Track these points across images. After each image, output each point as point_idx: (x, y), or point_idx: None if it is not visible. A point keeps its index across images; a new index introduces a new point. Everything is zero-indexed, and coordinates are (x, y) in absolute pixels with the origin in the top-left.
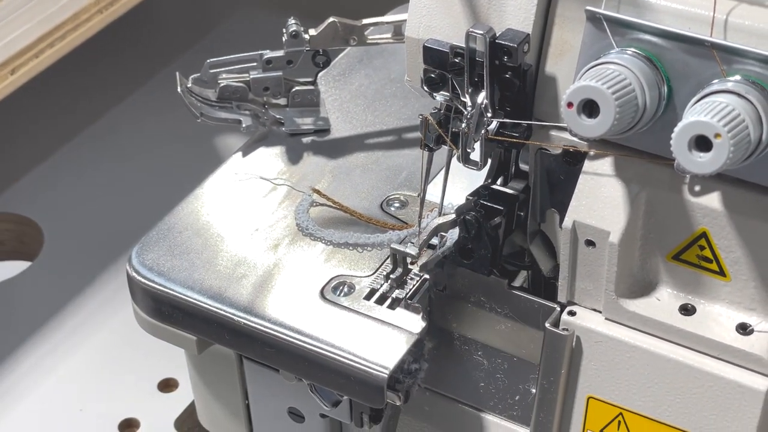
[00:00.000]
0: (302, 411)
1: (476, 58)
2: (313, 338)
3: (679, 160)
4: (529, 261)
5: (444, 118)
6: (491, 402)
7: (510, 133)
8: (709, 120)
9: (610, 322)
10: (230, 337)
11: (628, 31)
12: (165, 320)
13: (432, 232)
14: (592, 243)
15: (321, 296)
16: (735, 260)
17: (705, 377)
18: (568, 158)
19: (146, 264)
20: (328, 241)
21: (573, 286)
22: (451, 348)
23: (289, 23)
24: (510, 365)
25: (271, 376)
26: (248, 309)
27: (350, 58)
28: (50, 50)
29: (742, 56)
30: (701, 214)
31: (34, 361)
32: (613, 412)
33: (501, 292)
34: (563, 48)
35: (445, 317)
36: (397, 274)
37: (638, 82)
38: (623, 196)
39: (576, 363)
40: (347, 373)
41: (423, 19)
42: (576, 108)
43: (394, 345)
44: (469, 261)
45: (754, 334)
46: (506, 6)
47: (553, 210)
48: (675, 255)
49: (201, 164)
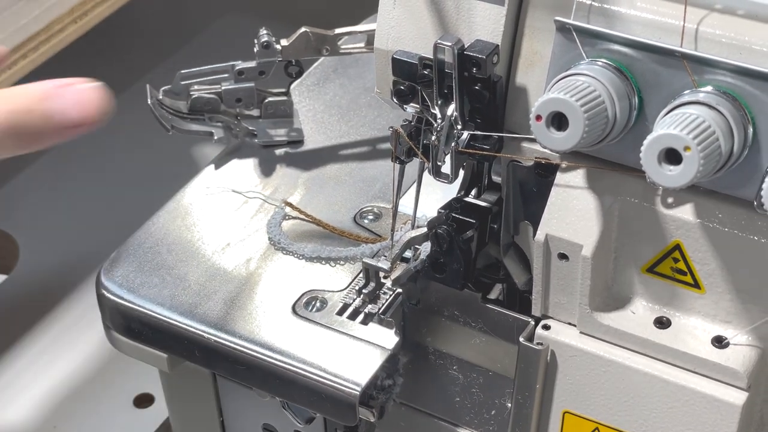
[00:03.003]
0: (276, 428)
1: (445, 69)
2: (284, 355)
3: (649, 173)
4: (504, 274)
5: (415, 130)
6: (467, 417)
7: (481, 145)
8: (678, 133)
9: (585, 336)
10: (201, 355)
11: (598, 41)
12: (135, 338)
13: (404, 246)
14: (565, 256)
15: (293, 312)
16: (709, 272)
17: (681, 391)
18: (540, 170)
19: (115, 280)
20: (301, 255)
21: (547, 299)
22: (426, 363)
23: (261, 33)
24: (485, 380)
25: (245, 392)
26: (219, 326)
27: (324, 68)
28: (24, 61)
29: (714, 66)
30: (674, 226)
31: (9, 376)
32: (589, 426)
33: (475, 306)
34: (533, 59)
35: (419, 332)
36: (370, 288)
37: (608, 93)
38: (596, 208)
39: (551, 377)
40: (319, 390)
41: (391, 30)
42: (545, 121)
43: (366, 361)
44: (442, 275)
45: (729, 347)
46: (475, 17)
47: (526, 222)
48: (649, 267)
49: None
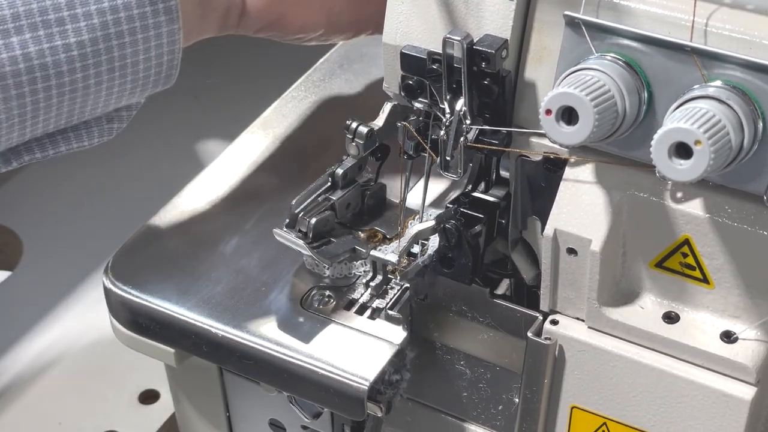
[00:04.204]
0: (283, 423)
1: (454, 64)
2: (292, 350)
3: (659, 167)
4: (512, 269)
5: (423, 126)
6: (474, 412)
7: (490, 140)
8: (688, 127)
9: (593, 331)
10: (208, 349)
11: (607, 36)
12: (142, 332)
13: (412, 239)
14: (574, 251)
15: (301, 307)
16: (718, 267)
17: (689, 386)
18: (548, 165)
19: (122, 275)
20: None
21: (555, 294)
22: (434, 358)
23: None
24: (493, 375)
25: (251, 388)
26: (227, 320)
27: (330, 64)
28: None
29: (723, 61)
30: (684, 221)
31: (13, 373)
32: (597, 421)
33: (482, 302)
34: (542, 53)
35: (426, 327)
36: (377, 281)
37: (617, 88)
38: (605, 203)
39: (559, 372)
40: (327, 385)
41: (400, 25)
42: (554, 115)
43: (374, 356)
44: (450, 270)
45: (738, 342)
46: (484, 11)
47: (534, 217)
48: (658, 262)
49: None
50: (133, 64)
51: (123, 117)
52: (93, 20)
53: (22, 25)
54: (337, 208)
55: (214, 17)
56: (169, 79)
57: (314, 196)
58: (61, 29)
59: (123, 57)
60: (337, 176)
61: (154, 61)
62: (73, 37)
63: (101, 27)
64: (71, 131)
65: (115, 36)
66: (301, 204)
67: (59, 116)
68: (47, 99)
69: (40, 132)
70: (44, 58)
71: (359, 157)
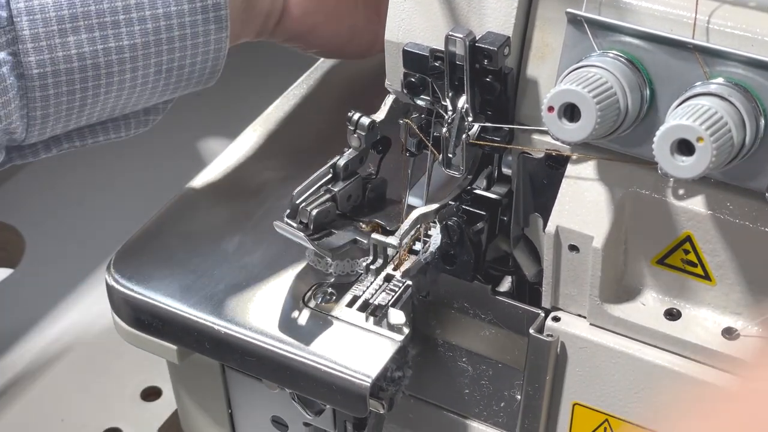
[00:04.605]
0: (285, 420)
1: (456, 61)
2: (294, 346)
3: (662, 164)
4: (514, 266)
5: (425, 123)
6: (476, 409)
7: (492, 137)
8: (690, 123)
9: (595, 328)
10: (211, 346)
11: (609, 33)
12: (144, 329)
13: (414, 222)
14: (576, 248)
15: (303, 304)
16: (720, 264)
17: (691, 383)
18: (550, 162)
19: (125, 272)
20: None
21: (557, 291)
22: (435, 355)
23: (354, 116)
24: (495, 372)
25: (254, 384)
26: (229, 317)
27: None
28: None
29: (725, 58)
30: (685, 218)
31: (16, 370)
32: (599, 418)
33: (484, 298)
34: (544, 51)
35: (428, 324)
36: (377, 265)
37: (620, 85)
38: (607, 200)
39: (561, 369)
40: (329, 381)
41: (402, 22)
42: (557, 112)
43: (376, 353)
44: (452, 267)
45: (740, 338)
46: (486, 8)
47: (536, 214)
48: (659, 259)
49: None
50: (180, 68)
51: (159, 109)
52: (147, 25)
53: (79, 26)
54: (338, 199)
55: (255, 23)
56: (211, 80)
57: (315, 187)
58: (116, 32)
59: (171, 60)
60: (339, 167)
61: (198, 66)
62: (126, 40)
63: (154, 32)
64: (110, 122)
65: (166, 41)
66: (302, 195)
67: (103, 111)
68: (95, 96)
69: (84, 123)
70: (97, 58)
71: (361, 149)
